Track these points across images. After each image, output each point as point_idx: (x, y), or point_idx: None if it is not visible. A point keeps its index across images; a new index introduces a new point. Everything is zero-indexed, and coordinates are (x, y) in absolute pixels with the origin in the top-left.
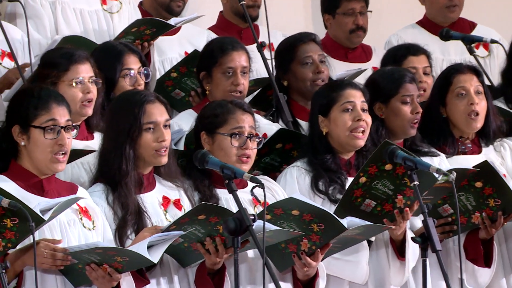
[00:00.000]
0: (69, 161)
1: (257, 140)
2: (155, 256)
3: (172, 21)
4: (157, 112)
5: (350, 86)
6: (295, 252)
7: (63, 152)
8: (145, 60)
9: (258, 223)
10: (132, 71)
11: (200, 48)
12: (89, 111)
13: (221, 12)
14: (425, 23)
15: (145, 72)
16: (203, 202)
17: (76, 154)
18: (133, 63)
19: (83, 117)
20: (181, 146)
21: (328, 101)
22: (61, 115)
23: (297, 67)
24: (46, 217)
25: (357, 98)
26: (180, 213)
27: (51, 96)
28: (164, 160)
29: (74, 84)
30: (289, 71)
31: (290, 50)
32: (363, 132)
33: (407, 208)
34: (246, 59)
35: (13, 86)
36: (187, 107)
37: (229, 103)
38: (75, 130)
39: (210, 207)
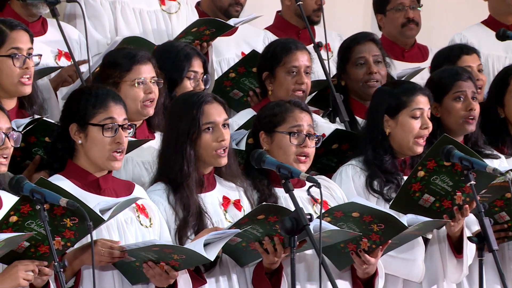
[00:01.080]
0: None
1: (316, 138)
2: (211, 254)
3: (232, 21)
4: (215, 112)
5: (421, 92)
6: (354, 251)
7: (120, 151)
8: (207, 67)
9: (316, 223)
10: (197, 74)
11: (257, 48)
12: (151, 111)
13: (278, 12)
14: (490, 23)
15: (205, 78)
16: (264, 203)
17: (131, 145)
18: (198, 66)
19: (144, 117)
20: (242, 146)
21: (397, 103)
22: (119, 114)
23: (351, 68)
24: (105, 217)
25: (426, 105)
26: (239, 214)
27: (108, 95)
28: (224, 161)
29: (136, 84)
30: (345, 72)
31: (347, 50)
32: (425, 139)
33: (467, 205)
34: (308, 59)
35: (71, 86)
36: (245, 107)
37: (287, 103)
38: (132, 129)
39: (270, 207)
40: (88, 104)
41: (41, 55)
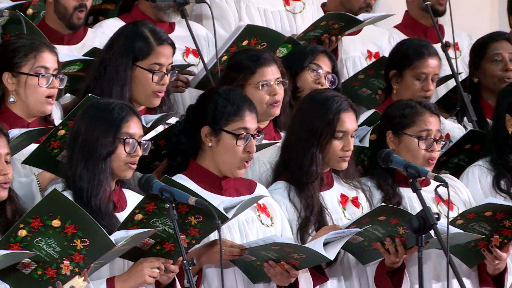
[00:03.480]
0: None
1: (443, 143)
2: (331, 253)
3: (361, 16)
4: (349, 121)
5: None
6: (486, 247)
7: (248, 160)
8: (337, 71)
9: (441, 224)
10: (320, 70)
11: (382, 47)
12: (277, 111)
13: (406, 11)
14: None
15: (332, 78)
16: (382, 204)
17: (258, 148)
18: (323, 63)
19: (271, 117)
20: (366, 143)
21: None
22: (253, 123)
23: (487, 64)
24: (229, 215)
25: None
26: (357, 211)
27: (245, 103)
28: (345, 165)
29: (260, 87)
30: (479, 68)
31: (482, 47)
32: None
33: None
34: (438, 66)
35: (195, 77)
36: (373, 103)
37: (418, 104)
38: (261, 136)
39: (390, 209)
40: (224, 110)
41: (179, 70)
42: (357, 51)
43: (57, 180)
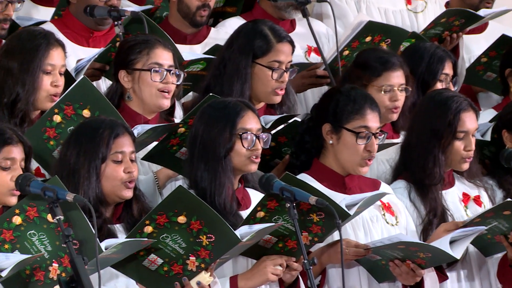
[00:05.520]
0: None
1: None
2: (457, 252)
3: (482, 12)
4: (470, 121)
5: None
6: None
7: (370, 158)
8: (457, 68)
9: None
10: (448, 77)
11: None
12: (394, 117)
13: None
14: None
15: (454, 80)
16: (509, 199)
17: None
18: (449, 69)
19: (387, 121)
20: (487, 137)
21: None
22: (374, 122)
23: None
24: (351, 212)
25: None
26: (480, 210)
27: (366, 102)
28: (466, 167)
29: (383, 92)
30: None
31: None
32: None
33: None
34: None
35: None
36: (499, 88)
37: None
38: (382, 136)
39: None
40: (345, 108)
41: (298, 68)
42: (481, 50)
43: (176, 177)
